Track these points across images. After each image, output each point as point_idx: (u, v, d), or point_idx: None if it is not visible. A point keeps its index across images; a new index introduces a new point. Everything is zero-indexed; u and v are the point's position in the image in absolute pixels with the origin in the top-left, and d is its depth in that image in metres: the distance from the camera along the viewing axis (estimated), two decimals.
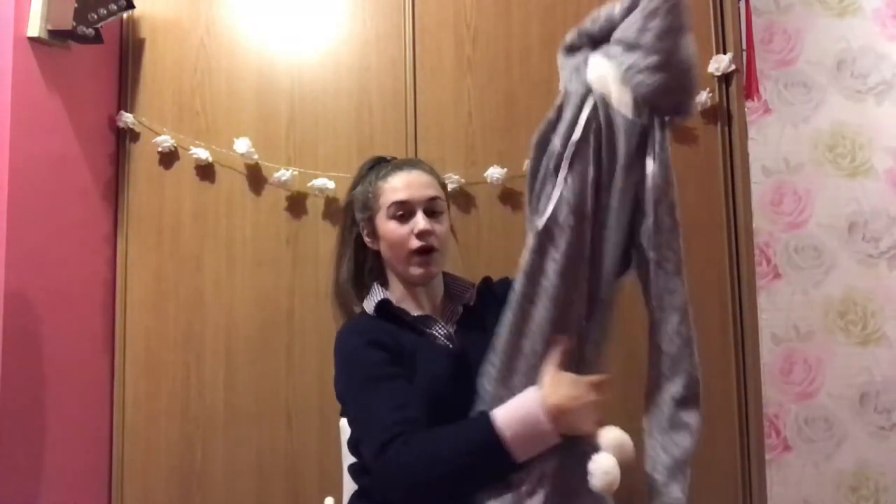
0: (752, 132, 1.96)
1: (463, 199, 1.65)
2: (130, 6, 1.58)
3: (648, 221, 0.95)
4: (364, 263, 1.26)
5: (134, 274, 1.68)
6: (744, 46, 1.63)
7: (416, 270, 1.18)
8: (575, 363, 1.00)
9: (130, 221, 1.69)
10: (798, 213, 2.06)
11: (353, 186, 1.28)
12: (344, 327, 1.20)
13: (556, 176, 0.96)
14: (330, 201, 1.66)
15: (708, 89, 1.60)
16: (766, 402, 1.87)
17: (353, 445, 1.18)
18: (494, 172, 1.62)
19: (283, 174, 1.65)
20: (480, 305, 1.23)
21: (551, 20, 1.68)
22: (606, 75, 0.93)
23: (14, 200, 1.38)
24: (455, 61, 1.68)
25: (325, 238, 1.65)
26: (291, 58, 1.71)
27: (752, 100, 1.65)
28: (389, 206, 1.18)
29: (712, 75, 1.62)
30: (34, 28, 1.44)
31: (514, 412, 0.96)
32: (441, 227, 1.19)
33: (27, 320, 1.41)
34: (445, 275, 1.27)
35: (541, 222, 0.96)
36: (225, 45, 1.72)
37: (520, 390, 0.99)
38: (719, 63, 1.60)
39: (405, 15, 1.70)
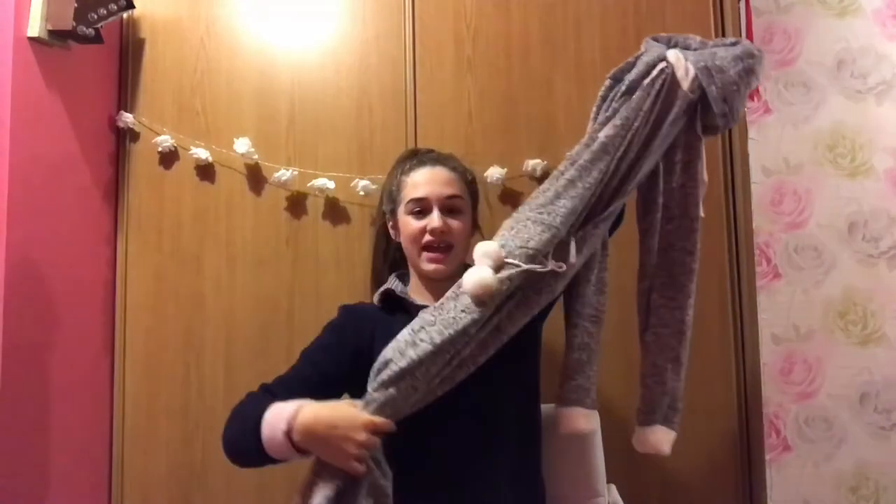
0: (752, 132, 1.96)
1: None
2: (130, 6, 1.58)
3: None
4: (388, 252, 1.35)
5: (134, 274, 1.68)
6: None
7: (427, 266, 1.22)
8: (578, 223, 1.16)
9: (130, 221, 1.69)
10: (798, 213, 2.06)
11: (387, 177, 1.35)
12: (346, 304, 1.31)
13: (624, 99, 1.17)
14: (330, 201, 1.66)
15: None
16: (766, 402, 1.87)
17: None
18: (494, 172, 1.62)
19: (283, 174, 1.65)
20: None
21: (551, 20, 1.68)
22: (680, 56, 1.17)
23: (14, 200, 1.38)
24: (455, 61, 1.68)
25: (325, 238, 1.66)
26: (291, 58, 1.71)
27: (752, 100, 1.65)
28: (408, 202, 1.23)
29: None
30: (34, 28, 1.44)
31: (272, 415, 1.05)
32: (458, 225, 1.22)
33: (27, 320, 1.41)
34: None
35: (601, 120, 1.18)
36: (225, 45, 1.72)
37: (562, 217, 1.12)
38: None
39: (405, 15, 1.70)
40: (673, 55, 1.17)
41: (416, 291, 1.27)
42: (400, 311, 1.23)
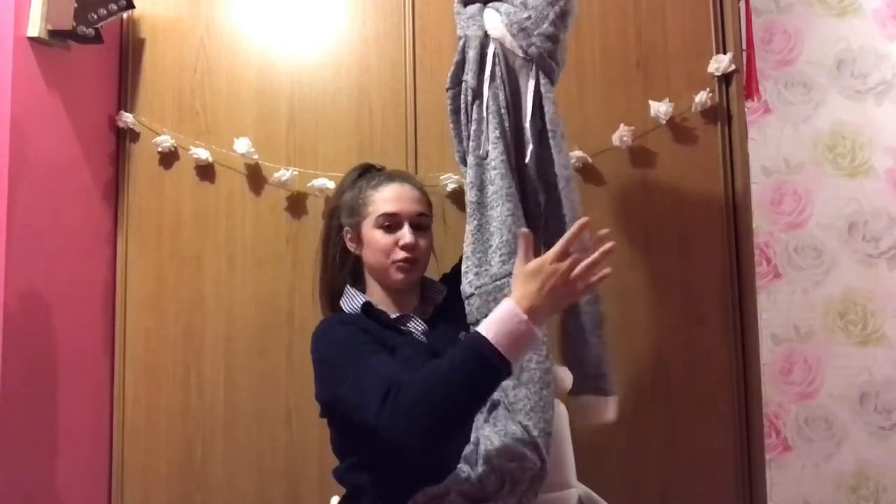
0: (752, 132, 1.96)
1: (463, 199, 1.64)
2: (130, 6, 1.58)
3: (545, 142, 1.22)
4: (343, 266, 1.32)
5: (134, 274, 1.68)
6: (744, 46, 1.62)
7: (396, 275, 1.23)
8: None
9: (130, 221, 1.69)
10: (798, 213, 2.06)
11: (341, 192, 1.34)
12: (323, 322, 1.24)
13: (475, 106, 1.22)
14: (330, 202, 1.66)
15: (708, 89, 1.60)
16: (766, 402, 1.87)
17: (337, 449, 1.22)
18: None
19: (283, 174, 1.65)
20: (448, 301, 1.28)
21: None
22: (500, 26, 1.20)
23: (14, 200, 1.38)
24: None
25: None
26: (291, 58, 1.71)
27: (752, 100, 1.65)
28: (378, 216, 1.23)
29: (712, 75, 1.62)
30: (34, 28, 1.44)
31: (493, 323, 0.99)
32: (424, 242, 1.26)
33: (27, 320, 1.41)
34: (423, 279, 1.32)
35: (483, 139, 1.21)
36: (225, 45, 1.72)
37: (497, 269, 1.15)
38: (719, 63, 1.60)
39: (405, 15, 1.70)
40: (495, 28, 1.20)
41: (381, 303, 1.26)
42: (374, 321, 1.22)
